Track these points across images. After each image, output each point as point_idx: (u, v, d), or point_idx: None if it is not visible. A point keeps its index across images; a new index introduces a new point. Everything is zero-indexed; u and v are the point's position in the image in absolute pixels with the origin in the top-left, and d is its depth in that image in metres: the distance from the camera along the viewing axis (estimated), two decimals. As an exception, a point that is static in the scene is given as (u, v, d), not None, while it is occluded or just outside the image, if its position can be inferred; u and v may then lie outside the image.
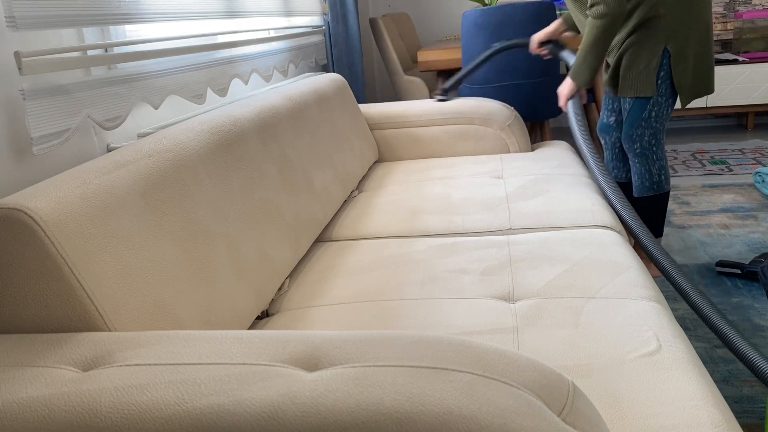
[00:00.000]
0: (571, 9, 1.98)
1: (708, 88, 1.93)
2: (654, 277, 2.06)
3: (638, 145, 1.95)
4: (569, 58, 2.12)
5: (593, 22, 1.78)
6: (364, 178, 2.16)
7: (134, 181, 0.99)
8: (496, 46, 2.29)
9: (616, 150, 2.15)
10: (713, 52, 1.94)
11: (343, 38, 2.84)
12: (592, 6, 1.77)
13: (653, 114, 1.90)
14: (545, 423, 0.59)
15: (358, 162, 2.04)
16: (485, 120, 2.27)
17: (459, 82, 2.37)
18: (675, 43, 1.83)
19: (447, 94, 2.37)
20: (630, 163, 2.03)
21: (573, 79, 1.91)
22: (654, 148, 1.94)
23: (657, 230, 2.07)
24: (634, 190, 2.04)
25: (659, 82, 1.86)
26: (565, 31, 2.18)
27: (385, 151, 2.37)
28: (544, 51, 2.21)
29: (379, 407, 0.59)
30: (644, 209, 2.03)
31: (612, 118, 2.11)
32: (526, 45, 2.23)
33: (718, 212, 2.63)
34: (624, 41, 1.88)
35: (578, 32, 2.16)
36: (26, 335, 0.81)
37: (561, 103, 1.98)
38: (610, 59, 1.95)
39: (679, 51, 1.84)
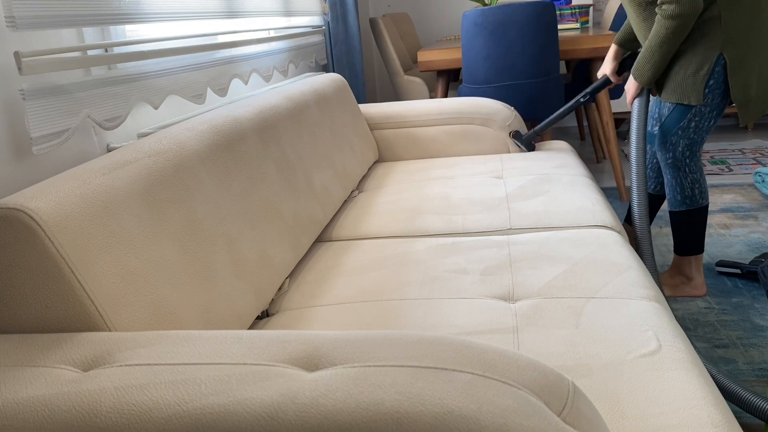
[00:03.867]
0: (629, 11, 1.83)
1: None
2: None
3: (671, 154, 1.81)
4: None
5: (663, 21, 1.64)
6: (364, 178, 2.16)
7: (134, 181, 0.99)
8: (580, 97, 2.12)
9: (655, 160, 2.02)
10: None
11: (343, 38, 2.84)
12: (663, 4, 1.63)
13: (693, 124, 1.75)
14: (545, 423, 0.59)
15: (358, 162, 2.04)
16: (485, 120, 2.27)
17: (540, 132, 2.22)
18: (732, 50, 1.66)
19: (524, 142, 2.26)
20: (663, 173, 1.89)
21: (635, 77, 1.79)
22: (687, 160, 1.80)
23: (695, 247, 1.91)
24: (668, 203, 1.91)
25: (707, 91, 1.70)
26: (624, 53, 2.03)
27: (385, 151, 2.37)
28: (627, 75, 2.07)
29: (379, 407, 0.59)
30: (678, 224, 1.89)
31: (656, 127, 1.91)
32: (607, 82, 2.09)
33: (718, 212, 2.63)
34: None
35: (633, 49, 2.03)
36: (26, 335, 0.81)
37: (627, 100, 1.87)
38: None
39: (737, 59, 1.67)
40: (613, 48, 2.02)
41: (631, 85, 1.85)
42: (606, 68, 2.05)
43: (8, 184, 1.08)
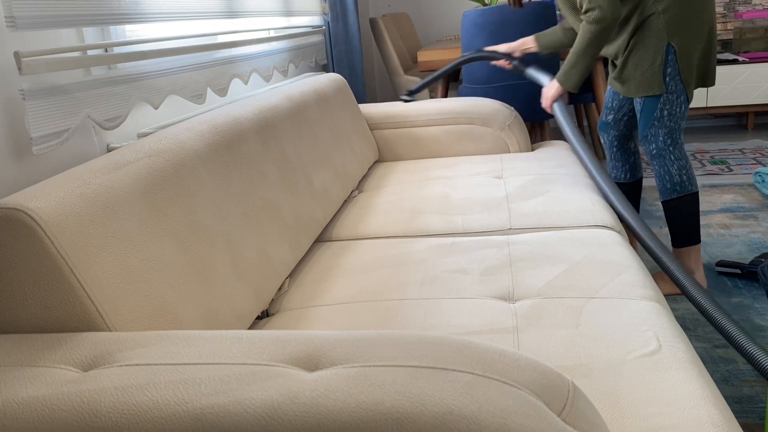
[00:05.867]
0: (567, 16, 1.96)
1: (711, 80, 1.91)
2: (666, 295, 1.99)
3: (654, 146, 1.90)
4: (536, 75, 2.14)
5: (587, 26, 1.78)
6: (364, 178, 2.16)
7: (134, 181, 0.99)
8: (467, 55, 2.30)
9: (614, 149, 2.12)
10: (716, 49, 1.92)
11: (343, 38, 2.84)
12: (587, 11, 1.77)
13: (665, 113, 1.86)
14: (545, 423, 0.59)
15: (358, 162, 2.04)
16: (485, 120, 2.27)
17: (425, 86, 2.38)
18: (679, 39, 1.81)
19: (412, 96, 2.40)
20: (651, 167, 1.97)
21: (561, 83, 1.91)
22: (671, 148, 1.89)
23: (692, 236, 1.95)
24: (659, 194, 1.98)
25: (667, 79, 1.83)
26: (532, 49, 2.17)
27: (385, 151, 2.37)
28: (509, 65, 2.22)
29: (379, 407, 0.59)
30: (673, 213, 1.95)
31: (610, 116, 2.08)
32: (496, 58, 2.22)
33: (718, 212, 2.63)
34: (628, 42, 1.87)
35: (550, 52, 2.18)
36: (26, 335, 0.81)
37: (545, 105, 1.99)
38: (618, 61, 1.93)
39: (684, 46, 1.82)
40: (529, 37, 2.18)
41: (551, 90, 1.96)
42: (505, 47, 2.21)
43: (8, 184, 1.08)
